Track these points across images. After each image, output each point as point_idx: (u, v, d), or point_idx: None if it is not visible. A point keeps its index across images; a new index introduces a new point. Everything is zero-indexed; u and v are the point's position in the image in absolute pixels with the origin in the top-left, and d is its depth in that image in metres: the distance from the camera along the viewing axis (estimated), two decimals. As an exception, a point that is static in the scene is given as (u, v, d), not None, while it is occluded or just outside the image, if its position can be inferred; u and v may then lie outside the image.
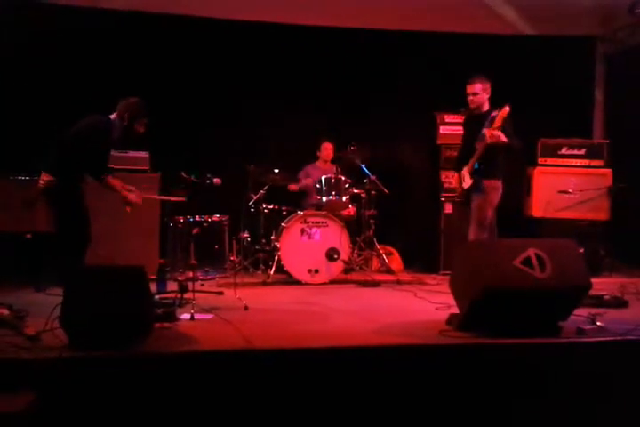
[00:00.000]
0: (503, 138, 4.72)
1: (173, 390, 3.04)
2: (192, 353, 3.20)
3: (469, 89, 5.04)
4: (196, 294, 4.29)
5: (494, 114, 4.87)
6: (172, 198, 4.79)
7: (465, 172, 5.10)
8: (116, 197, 4.57)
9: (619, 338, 3.45)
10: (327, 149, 6.60)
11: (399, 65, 6.96)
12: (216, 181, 4.75)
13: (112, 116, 4.41)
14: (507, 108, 4.71)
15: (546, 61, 6.98)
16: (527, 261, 3.50)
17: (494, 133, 4.70)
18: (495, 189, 5.00)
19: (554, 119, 6.69)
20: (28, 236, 5.26)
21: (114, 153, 5.02)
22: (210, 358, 3.16)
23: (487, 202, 4.98)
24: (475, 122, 5.08)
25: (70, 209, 4.33)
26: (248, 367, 3.14)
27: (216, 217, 5.19)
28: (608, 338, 3.45)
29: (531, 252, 3.52)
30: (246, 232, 6.01)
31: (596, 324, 3.63)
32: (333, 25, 6.72)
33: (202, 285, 5.17)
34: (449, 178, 6.34)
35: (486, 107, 5.06)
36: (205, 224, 5.02)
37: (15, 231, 5.28)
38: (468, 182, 5.06)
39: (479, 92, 5.01)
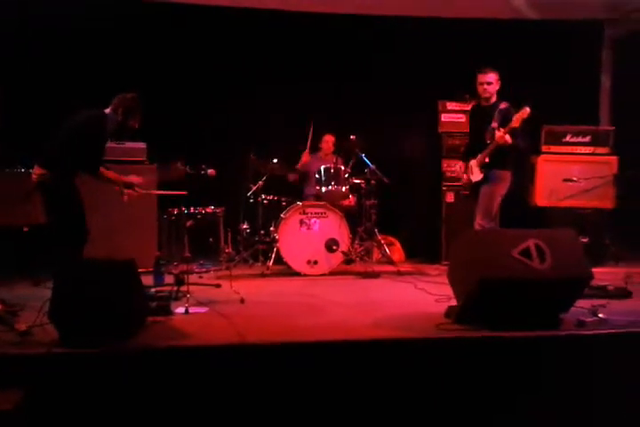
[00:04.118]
0: (509, 140, 4.74)
1: (164, 385, 3.01)
2: (183, 348, 3.15)
3: (483, 78, 4.94)
4: (194, 287, 4.25)
5: (503, 107, 4.86)
6: (173, 192, 4.70)
7: (474, 164, 5.05)
8: (113, 189, 4.52)
9: (619, 330, 3.37)
10: (328, 142, 6.52)
11: (400, 52, 6.83)
12: (210, 172, 4.68)
13: (107, 111, 4.35)
14: (527, 110, 4.66)
15: (551, 46, 6.83)
16: (526, 252, 3.43)
17: (504, 137, 4.71)
18: (504, 179, 4.97)
19: (559, 106, 6.56)
20: (25, 229, 5.23)
21: (110, 144, 4.97)
22: (201, 353, 3.12)
23: (495, 191, 4.96)
24: (482, 114, 5.02)
25: (64, 202, 4.27)
26: (240, 362, 3.10)
27: (210, 209, 5.12)
28: (608, 330, 3.37)
29: (530, 242, 3.45)
30: (245, 223, 5.96)
31: (597, 316, 3.56)
32: (332, 11, 6.60)
33: (200, 277, 5.13)
34: (451, 167, 6.25)
35: (494, 98, 4.99)
36: (199, 216, 4.95)
37: (12, 224, 5.25)
38: (477, 176, 5.01)
39: (493, 82, 4.94)
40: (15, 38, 5.93)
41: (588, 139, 6.44)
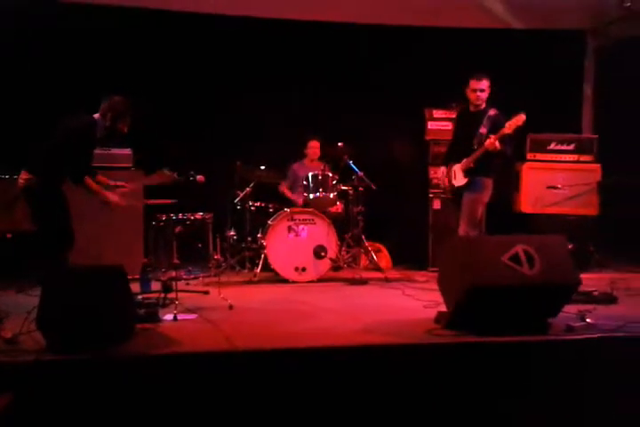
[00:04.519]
0: (499, 147, 4.73)
1: (154, 393, 2.97)
2: (172, 355, 3.13)
3: (477, 85, 4.92)
4: (182, 294, 4.22)
5: (493, 113, 4.88)
6: (158, 179, 4.62)
7: (457, 169, 5.04)
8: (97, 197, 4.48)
9: (607, 335, 3.40)
10: (314, 148, 6.52)
11: (387, 60, 6.88)
12: (199, 178, 4.65)
13: (95, 116, 4.32)
14: (522, 117, 4.67)
15: (535, 56, 6.91)
16: (515, 258, 3.46)
17: (494, 144, 4.69)
18: (487, 187, 4.98)
19: (542, 114, 6.62)
20: (9, 235, 5.17)
21: (97, 150, 4.92)
22: (191, 360, 3.10)
23: (479, 199, 4.96)
24: (470, 118, 5.02)
25: (50, 208, 4.24)
26: (230, 369, 3.08)
27: (199, 215, 5.10)
28: (596, 335, 3.40)
29: (519, 248, 3.48)
30: (232, 230, 5.93)
31: (585, 321, 3.59)
32: (319, 19, 6.63)
33: (187, 284, 5.10)
34: (437, 174, 6.26)
35: (484, 105, 4.99)
36: (188, 222, 4.93)
37: (-5, 231, 5.19)
38: (460, 180, 5.00)
39: (485, 89, 4.93)
40: (3, 42, 5.87)
41: (572, 147, 6.51)
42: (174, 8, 6.35)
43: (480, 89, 4.92)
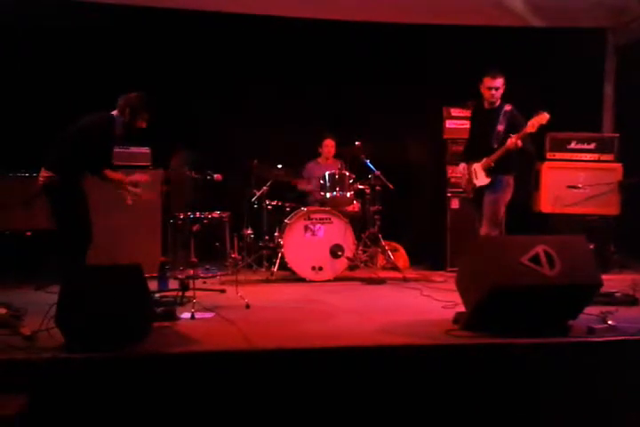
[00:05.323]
0: (520, 145, 4.70)
1: (172, 391, 2.97)
2: (191, 354, 3.13)
3: (492, 83, 4.86)
4: (198, 292, 4.23)
5: (508, 109, 4.84)
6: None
7: (478, 168, 4.98)
8: (117, 193, 4.50)
9: (629, 337, 3.34)
10: (329, 146, 6.50)
11: (404, 58, 6.85)
12: (217, 177, 4.66)
13: (114, 113, 4.35)
14: (546, 116, 4.60)
15: (555, 54, 6.84)
16: (535, 259, 3.41)
17: (517, 144, 4.66)
18: (509, 184, 4.93)
19: (562, 113, 6.53)
20: (28, 233, 5.21)
21: (115, 149, 4.95)
22: (209, 359, 3.09)
23: (501, 198, 4.90)
24: (485, 116, 4.97)
25: (70, 206, 4.27)
26: (248, 368, 3.07)
27: (216, 213, 5.12)
28: (619, 337, 3.34)
29: (539, 249, 3.43)
30: (249, 229, 5.94)
31: (607, 322, 3.53)
32: (336, 18, 6.60)
33: (204, 282, 5.11)
34: (456, 171, 6.20)
35: (498, 102, 4.94)
36: (206, 221, 4.95)
37: (15, 229, 5.23)
38: (482, 180, 4.94)
39: (500, 87, 4.88)
40: (18, 40, 5.91)
41: (592, 146, 6.42)
42: (190, 7, 6.36)
43: (495, 87, 4.87)
